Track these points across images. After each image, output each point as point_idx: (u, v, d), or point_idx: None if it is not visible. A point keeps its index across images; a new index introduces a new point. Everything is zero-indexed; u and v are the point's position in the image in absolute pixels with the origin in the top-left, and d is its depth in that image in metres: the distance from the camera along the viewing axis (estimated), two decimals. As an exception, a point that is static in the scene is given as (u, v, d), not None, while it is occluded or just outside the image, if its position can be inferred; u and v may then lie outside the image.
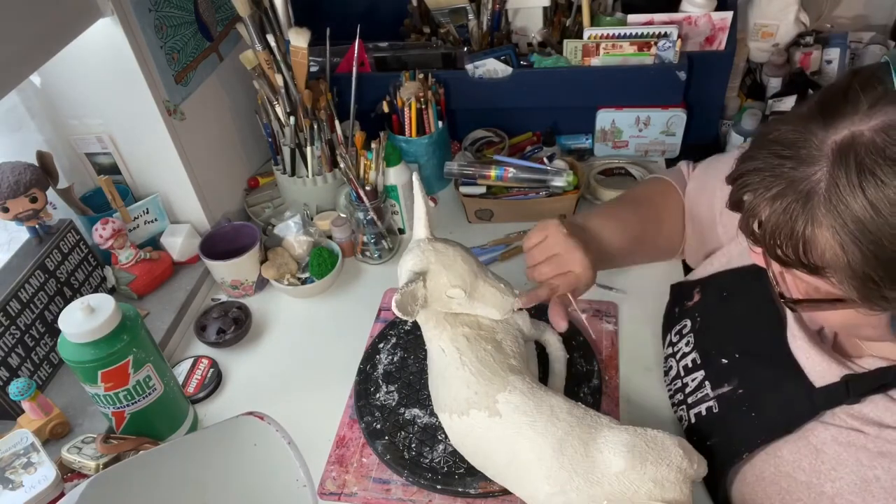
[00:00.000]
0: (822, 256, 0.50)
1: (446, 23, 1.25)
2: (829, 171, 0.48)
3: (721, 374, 0.76)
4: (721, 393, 0.75)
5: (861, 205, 0.47)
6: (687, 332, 0.84)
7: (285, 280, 1.07)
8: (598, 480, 0.65)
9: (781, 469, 0.66)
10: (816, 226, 0.49)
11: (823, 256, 0.50)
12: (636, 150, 1.26)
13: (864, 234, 0.47)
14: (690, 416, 0.78)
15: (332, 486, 0.81)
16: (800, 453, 0.65)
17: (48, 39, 0.82)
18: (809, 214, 0.49)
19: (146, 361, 0.79)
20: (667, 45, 1.12)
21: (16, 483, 0.72)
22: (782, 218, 0.51)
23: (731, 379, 0.75)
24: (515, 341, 0.81)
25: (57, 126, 1.04)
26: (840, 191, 0.47)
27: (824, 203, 0.48)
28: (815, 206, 0.49)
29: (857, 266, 0.49)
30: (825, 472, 0.63)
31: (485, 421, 0.72)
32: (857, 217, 0.47)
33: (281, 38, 1.10)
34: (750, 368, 0.73)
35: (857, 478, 0.60)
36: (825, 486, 0.62)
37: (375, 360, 0.94)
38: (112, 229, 1.00)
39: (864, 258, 0.48)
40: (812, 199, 0.49)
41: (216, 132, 1.18)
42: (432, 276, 0.75)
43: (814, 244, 0.50)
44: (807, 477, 0.64)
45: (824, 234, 0.49)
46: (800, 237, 0.50)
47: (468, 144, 1.29)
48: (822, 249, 0.50)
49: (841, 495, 0.61)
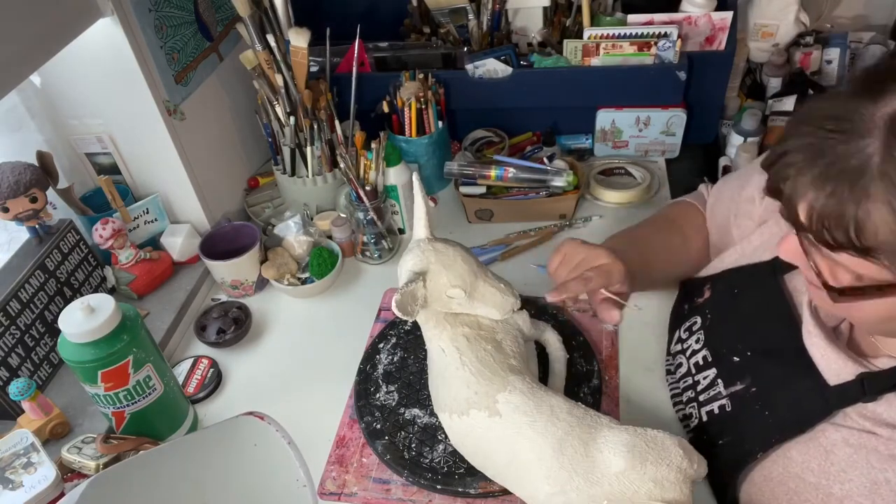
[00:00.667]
0: (876, 235, 0.48)
1: (446, 23, 1.25)
2: (884, 142, 0.46)
3: (733, 373, 0.75)
4: (734, 391, 0.74)
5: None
6: (697, 329, 0.83)
7: (285, 280, 1.07)
8: (598, 480, 0.65)
9: (790, 470, 0.66)
10: (871, 202, 0.47)
11: (877, 235, 0.48)
12: (636, 150, 1.26)
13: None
14: (702, 414, 0.78)
15: (332, 486, 0.81)
16: (809, 454, 0.64)
17: (48, 39, 0.82)
18: (862, 190, 0.47)
19: (146, 361, 0.79)
20: (667, 45, 1.12)
21: (16, 483, 0.72)
22: (831, 199, 0.48)
23: (743, 377, 0.74)
24: (515, 341, 0.81)
25: (57, 126, 1.04)
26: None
27: (879, 177, 0.46)
28: (868, 182, 0.47)
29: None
30: (834, 473, 0.62)
31: (485, 421, 0.72)
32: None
33: (281, 38, 1.10)
34: (762, 366, 0.72)
35: (867, 480, 0.60)
36: (834, 488, 0.62)
37: (375, 360, 0.94)
38: (112, 229, 1.00)
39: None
40: (865, 174, 0.47)
41: (216, 132, 1.18)
42: (432, 276, 0.75)
43: (867, 222, 0.48)
44: (815, 478, 0.63)
45: (879, 210, 0.47)
46: (852, 216, 0.48)
47: (468, 144, 1.29)
48: (875, 227, 0.47)
49: (850, 497, 0.61)
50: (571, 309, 0.83)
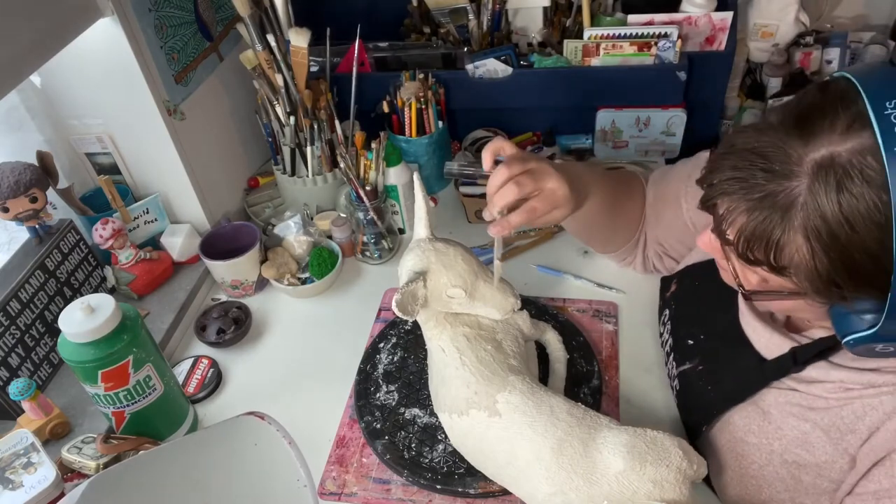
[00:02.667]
0: (791, 260, 0.54)
1: (446, 23, 1.25)
2: (809, 185, 0.51)
3: (685, 354, 0.81)
4: (683, 370, 0.81)
5: (836, 218, 0.50)
6: (667, 321, 0.89)
7: (285, 280, 1.07)
8: (598, 481, 0.65)
9: (735, 435, 0.72)
10: (792, 232, 0.53)
11: (791, 260, 0.54)
12: (636, 150, 1.26)
13: (836, 245, 0.51)
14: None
15: (332, 486, 0.81)
16: (749, 417, 0.71)
17: (48, 39, 0.82)
18: (787, 223, 0.53)
19: (146, 361, 0.79)
20: (667, 45, 1.12)
21: (16, 483, 0.72)
22: (760, 227, 0.54)
23: (693, 357, 0.80)
24: (515, 341, 0.81)
25: (57, 126, 1.04)
26: (818, 204, 0.51)
27: (802, 214, 0.52)
28: (793, 216, 0.53)
29: (823, 271, 0.53)
30: (772, 431, 0.68)
31: (484, 421, 0.72)
32: (832, 229, 0.51)
33: (281, 38, 1.10)
34: (710, 347, 0.79)
35: (798, 432, 0.66)
36: (774, 445, 0.68)
37: (375, 359, 0.94)
38: (112, 229, 1.00)
39: (833, 266, 0.52)
40: (791, 210, 0.53)
41: (216, 132, 1.18)
42: (433, 276, 0.75)
43: (785, 249, 0.54)
44: (757, 439, 0.70)
45: (797, 241, 0.53)
46: (773, 243, 0.54)
47: (468, 144, 1.29)
48: (791, 254, 0.54)
49: (788, 450, 0.67)
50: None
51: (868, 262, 0.51)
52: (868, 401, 0.61)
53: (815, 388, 0.65)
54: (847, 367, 0.63)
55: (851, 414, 0.62)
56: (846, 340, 0.56)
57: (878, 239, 0.49)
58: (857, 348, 0.56)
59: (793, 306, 0.63)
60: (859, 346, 0.55)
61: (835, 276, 0.53)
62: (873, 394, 0.61)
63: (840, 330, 0.56)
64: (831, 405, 0.64)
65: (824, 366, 0.65)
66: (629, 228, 0.96)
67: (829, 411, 0.64)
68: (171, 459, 0.71)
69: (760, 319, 0.72)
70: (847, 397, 0.63)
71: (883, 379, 0.61)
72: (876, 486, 0.59)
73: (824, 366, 0.65)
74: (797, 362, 0.66)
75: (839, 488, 0.64)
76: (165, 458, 0.71)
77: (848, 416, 0.63)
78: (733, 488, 0.73)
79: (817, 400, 0.65)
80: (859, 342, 0.55)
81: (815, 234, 0.52)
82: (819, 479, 0.65)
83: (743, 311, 0.75)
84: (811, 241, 0.52)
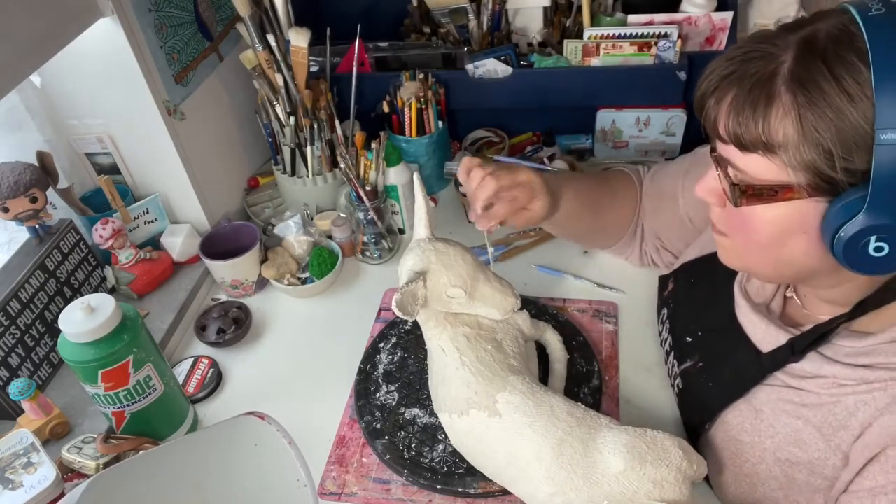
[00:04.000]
0: (779, 131, 0.54)
1: (446, 23, 1.25)
2: (795, 54, 0.54)
3: (686, 352, 0.82)
4: (685, 368, 0.81)
5: (824, 77, 0.52)
6: (665, 319, 0.89)
7: (285, 280, 1.07)
8: (598, 481, 0.65)
9: (729, 434, 0.72)
10: (779, 100, 0.54)
11: (780, 131, 0.54)
12: (636, 150, 1.26)
13: (825, 102, 0.52)
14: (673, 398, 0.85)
15: (332, 486, 0.81)
16: (742, 416, 0.71)
17: (48, 39, 0.82)
18: (773, 91, 0.54)
19: (146, 361, 0.79)
20: (667, 45, 1.12)
21: (16, 483, 0.72)
22: (746, 100, 0.56)
23: (693, 355, 0.80)
24: (515, 341, 0.81)
25: (57, 126, 1.04)
26: (804, 67, 0.53)
27: (789, 79, 0.53)
28: (779, 84, 0.54)
29: (813, 135, 0.53)
30: (764, 429, 0.69)
31: (484, 421, 0.72)
32: (820, 87, 0.52)
33: (281, 38, 1.10)
34: (708, 343, 0.79)
35: (790, 429, 0.67)
36: (766, 443, 0.68)
37: (375, 359, 0.94)
38: (112, 229, 1.00)
39: (824, 125, 0.52)
40: (776, 78, 0.54)
41: (216, 132, 1.18)
42: (433, 276, 0.75)
43: (773, 119, 0.54)
44: (749, 437, 0.70)
45: (787, 107, 0.54)
46: (762, 114, 0.55)
47: (468, 144, 1.29)
48: (780, 122, 0.54)
49: (780, 448, 0.67)
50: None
51: (858, 117, 0.51)
52: (860, 397, 0.62)
53: (808, 383, 0.65)
54: (840, 362, 0.63)
55: (844, 410, 0.62)
56: (836, 238, 0.54)
57: (862, 92, 0.50)
58: (849, 251, 0.54)
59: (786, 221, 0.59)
60: (850, 244, 0.54)
61: (823, 135, 0.52)
62: (865, 390, 0.61)
63: (830, 232, 0.55)
64: (824, 401, 0.64)
65: (818, 360, 0.65)
66: (619, 224, 0.97)
67: (821, 408, 0.64)
68: (171, 459, 0.71)
69: (757, 312, 0.72)
70: (840, 393, 0.63)
71: (875, 375, 0.61)
72: (871, 482, 0.60)
73: (818, 360, 0.65)
74: (794, 352, 0.66)
75: (833, 485, 0.64)
76: (165, 458, 0.71)
77: (840, 412, 0.63)
78: (730, 487, 0.73)
79: (810, 396, 0.65)
80: (849, 235, 0.53)
81: (802, 93, 0.52)
82: (812, 477, 0.65)
83: (739, 304, 0.75)
84: (798, 100, 0.53)
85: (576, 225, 0.95)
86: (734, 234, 0.65)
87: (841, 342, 0.64)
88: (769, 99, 0.54)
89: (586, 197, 0.91)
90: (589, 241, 1.04)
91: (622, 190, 0.97)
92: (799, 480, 0.67)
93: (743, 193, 0.59)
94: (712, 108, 0.60)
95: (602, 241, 1.01)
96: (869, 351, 0.62)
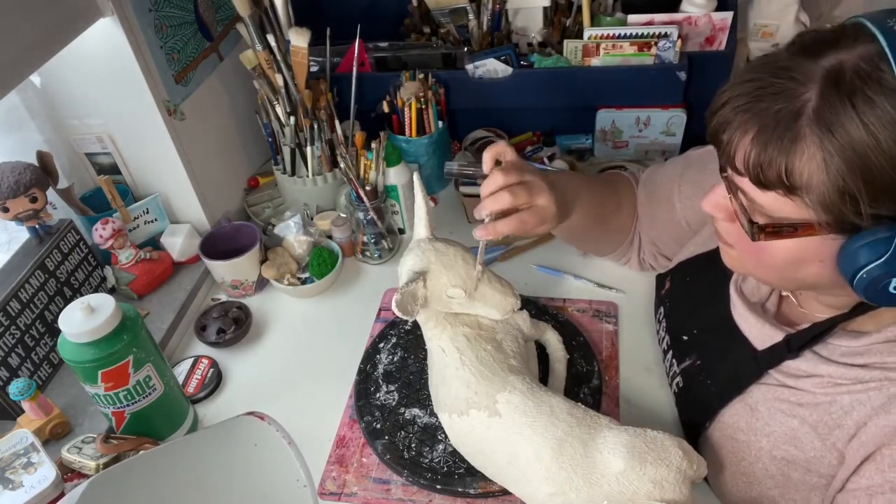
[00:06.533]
0: (803, 175, 0.52)
1: (446, 23, 1.25)
2: (819, 91, 0.51)
3: (684, 350, 0.82)
4: (684, 367, 0.81)
5: (852, 121, 0.49)
6: (662, 318, 0.89)
7: (285, 280, 1.07)
8: (598, 481, 0.65)
9: (725, 433, 0.73)
10: (804, 142, 0.51)
11: (803, 175, 0.52)
12: (636, 150, 1.26)
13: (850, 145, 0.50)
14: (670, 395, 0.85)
15: (332, 486, 0.81)
16: (738, 415, 0.71)
17: (48, 39, 0.82)
18: (797, 132, 0.52)
19: (146, 361, 0.79)
20: (667, 45, 1.12)
21: (16, 483, 0.72)
22: (768, 140, 0.53)
23: (691, 353, 0.81)
24: (515, 341, 0.81)
25: (57, 126, 1.04)
26: (831, 108, 0.50)
27: (814, 120, 0.51)
28: (803, 124, 0.51)
29: (838, 182, 0.51)
30: (760, 427, 0.69)
31: (484, 421, 0.72)
32: (848, 132, 0.50)
33: (281, 38, 1.10)
34: (705, 341, 0.79)
35: (786, 428, 0.67)
36: (762, 442, 0.69)
37: (375, 359, 0.94)
38: (112, 229, 1.00)
39: (851, 172, 0.50)
40: (800, 118, 0.51)
41: (216, 132, 1.18)
42: (432, 276, 0.75)
43: (797, 163, 0.52)
44: (745, 436, 0.70)
45: (810, 149, 0.51)
46: (784, 157, 0.52)
47: (468, 144, 1.29)
48: (803, 166, 0.52)
49: (776, 447, 0.67)
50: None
51: (885, 165, 0.49)
52: (856, 396, 0.62)
53: (804, 382, 0.65)
54: (836, 361, 0.63)
55: (839, 409, 0.63)
56: (858, 276, 0.54)
57: (893, 139, 0.49)
58: (870, 289, 0.54)
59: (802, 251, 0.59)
60: (872, 284, 0.53)
61: (850, 182, 0.50)
62: (861, 389, 0.61)
63: (850, 268, 0.54)
64: (819, 400, 0.64)
65: (813, 359, 0.65)
66: (620, 233, 0.97)
67: (817, 407, 0.64)
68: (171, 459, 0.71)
69: (752, 311, 0.72)
70: (835, 392, 0.63)
71: (870, 374, 0.61)
72: (867, 481, 0.60)
73: (813, 359, 0.65)
74: (791, 349, 0.66)
75: (829, 484, 0.64)
76: (165, 458, 0.71)
77: (836, 411, 0.63)
78: (728, 486, 0.74)
79: (805, 395, 0.65)
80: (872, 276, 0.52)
81: (829, 139, 0.50)
82: (808, 475, 0.66)
83: (735, 303, 0.75)
84: (824, 145, 0.50)
85: (578, 236, 0.96)
86: (744, 253, 0.65)
87: (836, 341, 0.64)
88: (793, 141, 0.52)
89: (595, 211, 0.90)
90: (587, 248, 1.05)
91: (626, 200, 0.96)
92: (795, 479, 0.67)
93: (762, 230, 0.58)
94: (731, 142, 0.57)
95: (600, 249, 1.02)
96: (864, 350, 0.62)
